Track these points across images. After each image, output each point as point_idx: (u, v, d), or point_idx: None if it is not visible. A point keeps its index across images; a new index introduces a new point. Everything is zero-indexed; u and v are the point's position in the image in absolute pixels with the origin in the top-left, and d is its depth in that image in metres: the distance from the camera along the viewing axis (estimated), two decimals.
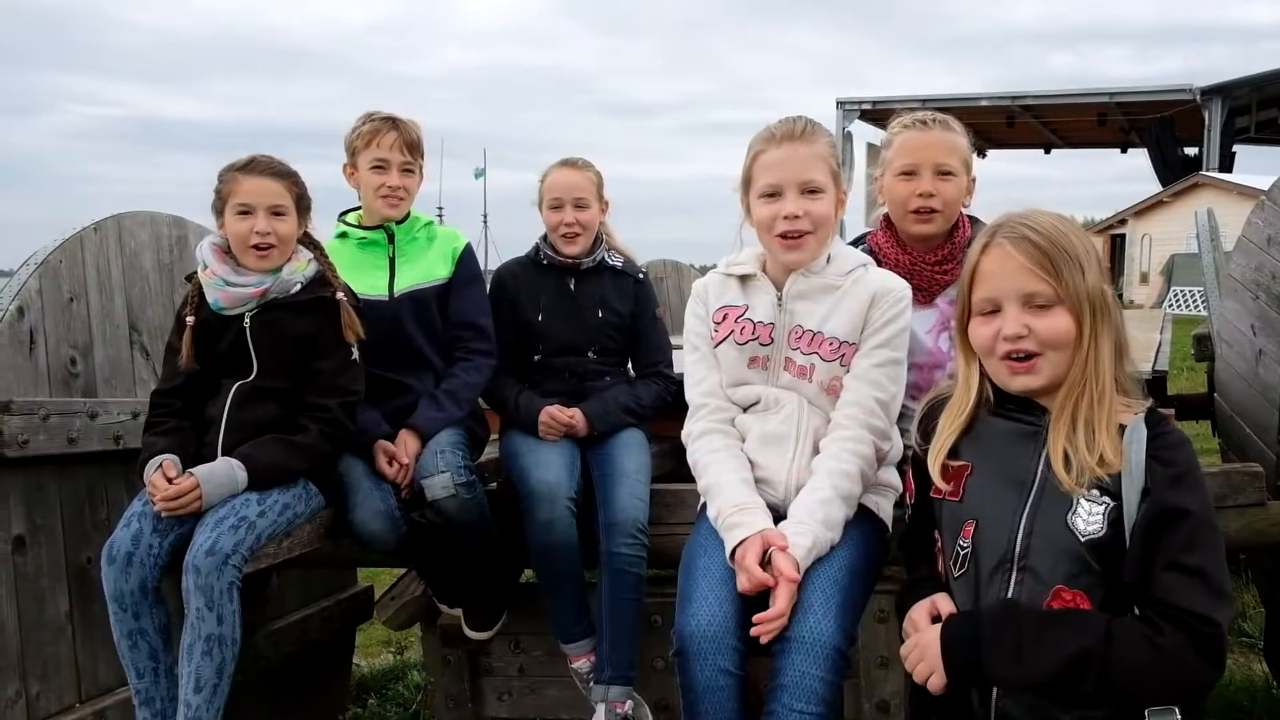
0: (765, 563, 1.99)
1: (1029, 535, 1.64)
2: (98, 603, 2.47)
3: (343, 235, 2.99)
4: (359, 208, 3.02)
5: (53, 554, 2.64)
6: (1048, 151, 30.90)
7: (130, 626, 2.39)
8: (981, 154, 30.44)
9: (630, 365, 3.15)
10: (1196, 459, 1.65)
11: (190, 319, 2.59)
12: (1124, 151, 30.15)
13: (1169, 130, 25.71)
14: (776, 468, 2.22)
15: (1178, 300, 20.50)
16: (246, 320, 2.59)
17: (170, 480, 2.41)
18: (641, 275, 3.14)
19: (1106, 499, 1.60)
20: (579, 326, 3.02)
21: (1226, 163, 24.40)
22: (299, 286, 2.62)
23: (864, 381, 2.20)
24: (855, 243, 2.77)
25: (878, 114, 23.99)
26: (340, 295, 2.64)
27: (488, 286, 3.12)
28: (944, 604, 1.75)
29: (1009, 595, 1.65)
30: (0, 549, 2.50)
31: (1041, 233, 1.67)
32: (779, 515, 2.14)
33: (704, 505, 2.26)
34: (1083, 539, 1.60)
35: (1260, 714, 3.44)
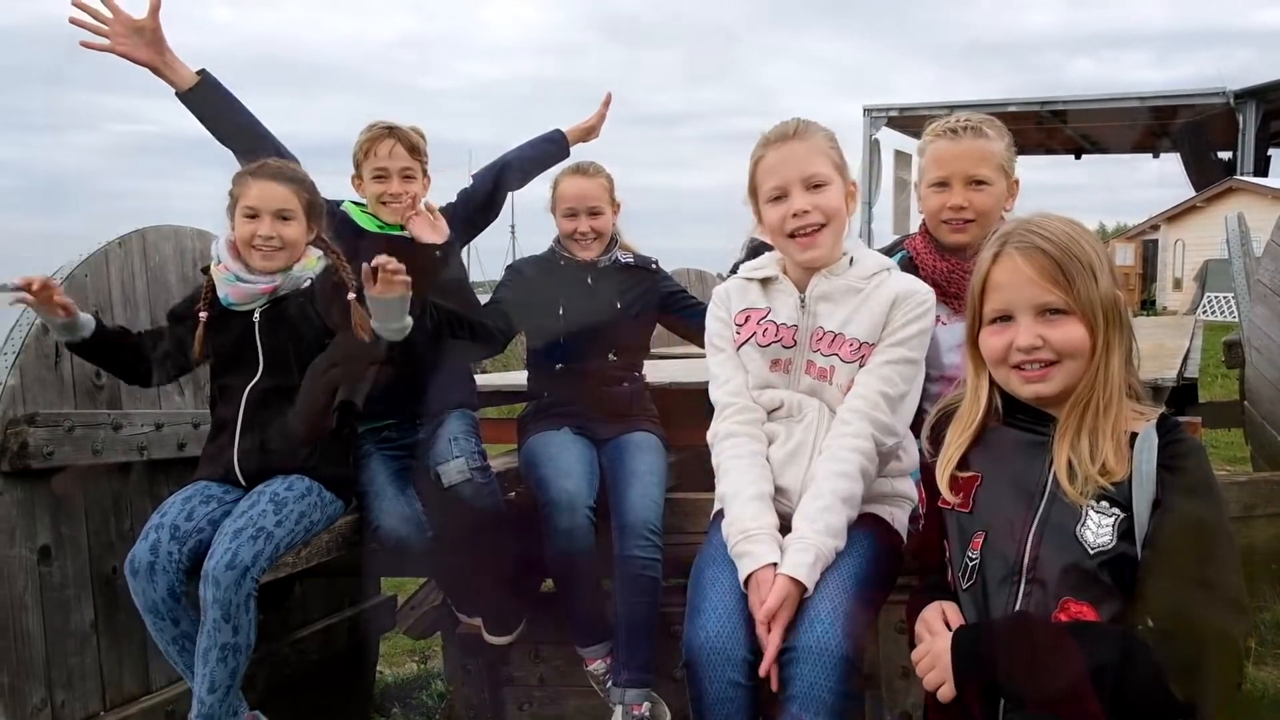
0: None
1: (1037, 547, 1.61)
2: (123, 612, 2.50)
3: None
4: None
5: (78, 564, 2.68)
6: (1078, 157, 30.48)
7: (173, 633, 2.43)
8: None
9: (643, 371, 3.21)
10: (1210, 467, 1.61)
11: (204, 315, 2.61)
12: (1156, 156, 29.67)
13: (1202, 134, 25.27)
14: (793, 478, 2.19)
15: (1212, 306, 20.19)
16: (256, 316, 2.61)
17: None
18: (654, 264, 3.22)
19: (1116, 510, 1.57)
20: (602, 316, 3.07)
21: (1261, 167, 23.96)
22: (309, 283, 2.65)
23: (873, 376, 2.17)
24: (891, 249, 2.75)
25: (905, 121, 23.79)
26: (351, 295, 2.60)
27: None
28: (953, 613, 1.72)
29: (1016, 607, 1.62)
30: (27, 559, 2.53)
31: (1053, 241, 1.63)
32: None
33: (718, 512, 2.24)
34: (1092, 551, 1.57)
35: None
